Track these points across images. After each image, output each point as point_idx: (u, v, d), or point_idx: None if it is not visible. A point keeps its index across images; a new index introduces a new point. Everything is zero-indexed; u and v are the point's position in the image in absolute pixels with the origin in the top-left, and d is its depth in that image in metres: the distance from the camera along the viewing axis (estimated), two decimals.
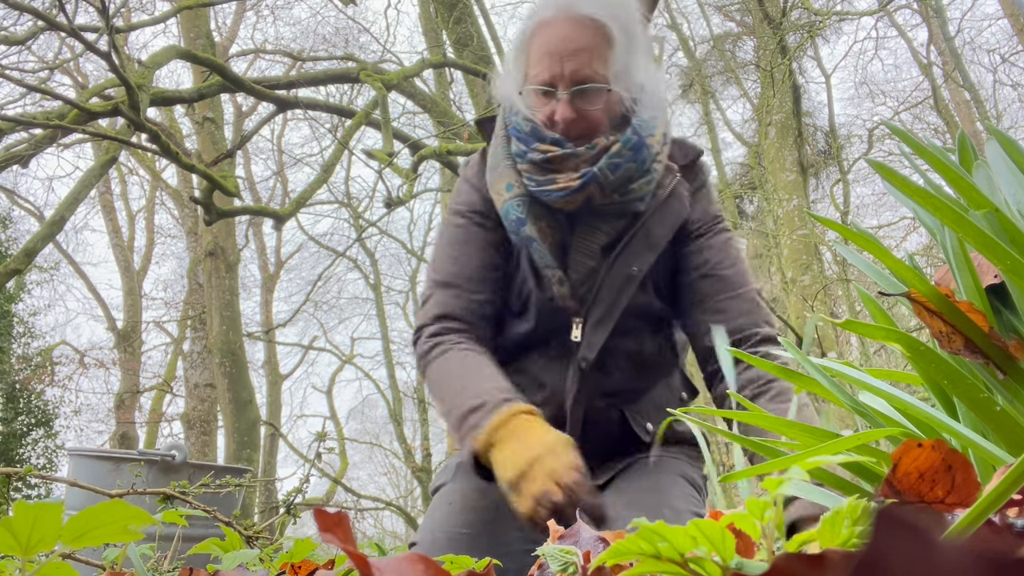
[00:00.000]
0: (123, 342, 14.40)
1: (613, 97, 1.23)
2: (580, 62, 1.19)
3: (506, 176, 1.28)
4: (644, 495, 1.25)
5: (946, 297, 0.82)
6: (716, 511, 0.61)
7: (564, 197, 1.22)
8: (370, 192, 14.30)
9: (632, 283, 1.26)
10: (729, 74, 12.75)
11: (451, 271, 1.30)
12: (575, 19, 1.21)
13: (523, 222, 1.25)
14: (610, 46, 1.21)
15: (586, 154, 1.22)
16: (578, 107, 1.21)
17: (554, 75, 1.21)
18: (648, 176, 1.25)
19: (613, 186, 1.22)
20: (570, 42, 1.19)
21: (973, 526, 0.44)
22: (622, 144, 1.22)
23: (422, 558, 0.41)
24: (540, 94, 1.24)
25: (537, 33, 1.24)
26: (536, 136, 1.24)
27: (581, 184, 1.21)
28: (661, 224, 1.27)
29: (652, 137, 1.25)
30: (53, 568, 0.54)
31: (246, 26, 14.29)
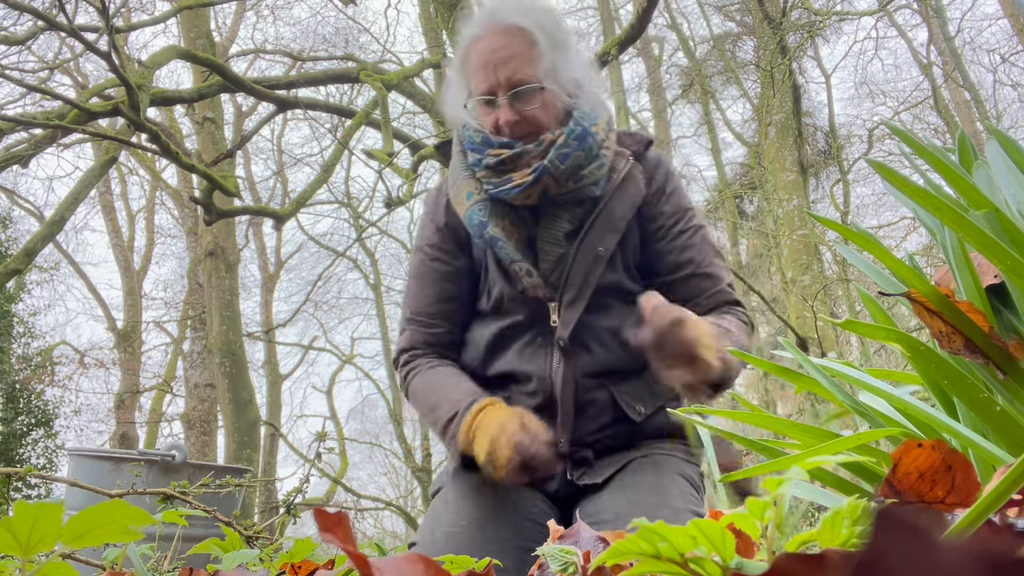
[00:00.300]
0: (123, 342, 14.40)
1: (548, 95, 1.34)
2: (512, 68, 1.31)
3: (466, 186, 1.40)
4: (644, 494, 1.26)
5: (946, 297, 0.82)
6: (716, 511, 0.61)
7: (521, 192, 1.32)
8: (370, 192, 14.32)
9: (600, 263, 1.35)
10: (729, 74, 12.75)
11: (413, 306, 1.47)
12: (501, 30, 1.33)
13: (485, 224, 1.36)
14: (536, 48, 1.32)
15: (535, 150, 1.33)
16: (518, 109, 1.33)
17: (491, 84, 1.32)
18: (598, 161, 1.35)
19: (565, 175, 1.32)
20: (500, 51, 1.32)
21: (973, 526, 0.44)
22: (567, 135, 1.33)
23: (422, 558, 0.41)
24: (483, 104, 1.36)
25: (470, 49, 1.36)
26: (487, 143, 1.36)
27: (534, 178, 1.31)
28: (620, 205, 1.37)
29: (596, 126, 1.36)
30: (53, 568, 0.54)
31: (246, 26, 14.31)
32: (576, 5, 14.07)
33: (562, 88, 1.35)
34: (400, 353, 1.46)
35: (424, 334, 1.44)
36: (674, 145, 13.93)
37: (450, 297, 1.44)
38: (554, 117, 1.35)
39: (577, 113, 1.35)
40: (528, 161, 1.33)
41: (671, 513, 1.22)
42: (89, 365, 14.53)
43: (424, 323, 1.44)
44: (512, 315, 1.39)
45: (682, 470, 1.35)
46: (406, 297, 1.50)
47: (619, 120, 10.22)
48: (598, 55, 5.32)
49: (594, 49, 12.24)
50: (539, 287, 1.35)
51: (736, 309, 1.39)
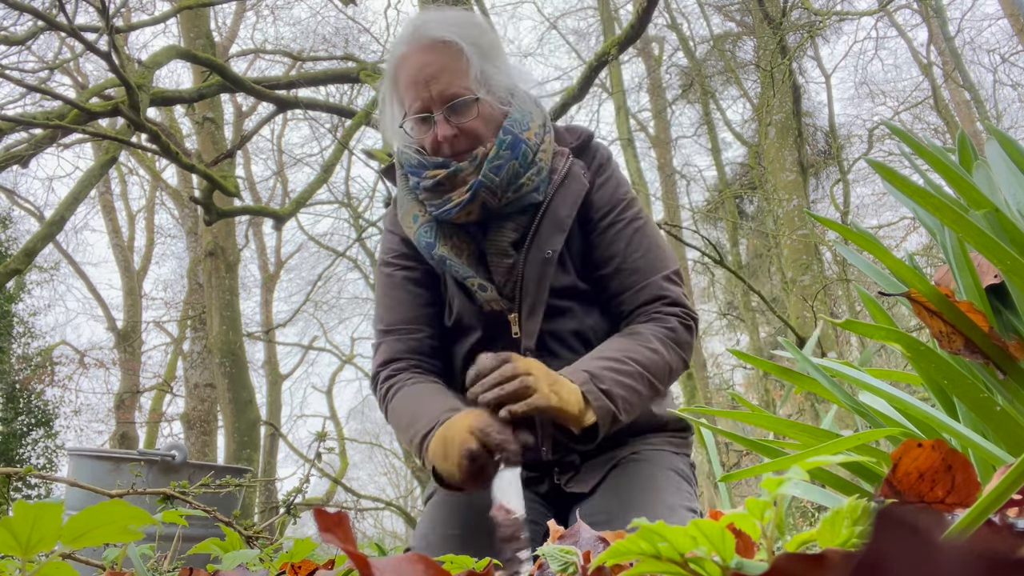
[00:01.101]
0: (123, 342, 14.40)
1: (483, 106, 1.33)
2: (444, 82, 1.30)
3: (411, 209, 1.40)
4: (637, 493, 1.26)
5: (946, 297, 0.82)
6: (716, 511, 0.61)
7: (461, 210, 1.31)
8: (370, 192, 14.31)
9: (549, 266, 1.33)
10: (729, 74, 12.75)
11: (389, 319, 1.42)
12: (426, 45, 1.32)
13: (433, 245, 1.35)
14: (464, 60, 1.31)
15: (469, 167, 1.31)
16: (455, 123, 1.32)
17: (424, 101, 1.31)
18: (535, 167, 1.34)
19: (502, 187, 1.31)
20: (429, 67, 1.30)
21: (973, 526, 0.44)
22: (497, 146, 1.31)
23: (422, 558, 0.41)
24: (419, 122, 1.34)
25: (399, 69, 1.34)
26: (423, 165, 1.35)
27: (471, 195, 1.30)
28: (563, 205, 1.35)
29: (527, 131, 1.34)
30: (53, 568, 0.54)
31: (246, 26, 14.30)
32: (576, 5, 14.08)
33: (496, 97, 1.34)
34: (379, 369, 1.40)
35: (406, 342, 1.40)
36: (674, 145, 13.94)
37: (427, 303, 1.42)
38: (492, 127, 1.34)
39: (507, 122, 1.33)
40: (464, 178, 1.31)
41: (665, 510, 1.22)
42: (89, 365, 14.54)
43: (404, 331, 1.41)
44: (475, 331, 1.37)
45: (673, 464, 1.35)
46: (378, 313, 1.46)
47: (619, 120, 10.22)
48: (598, 55, 5.32)
49: (594, 49, 12.24)
50: (495, 300, 1.34)
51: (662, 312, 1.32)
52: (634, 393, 1.20)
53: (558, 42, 13.83)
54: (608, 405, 1.15)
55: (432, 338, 1.41)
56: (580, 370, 1.19)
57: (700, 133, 13.84)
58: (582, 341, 1.36)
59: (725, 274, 12.06)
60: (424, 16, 1.37)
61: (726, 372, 13.56)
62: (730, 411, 1.22)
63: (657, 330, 1.29)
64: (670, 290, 1.34)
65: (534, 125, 1.36)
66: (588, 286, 1.38)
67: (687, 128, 14.55)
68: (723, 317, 13.28)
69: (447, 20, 1.34)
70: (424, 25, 1.33)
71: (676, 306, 1.34)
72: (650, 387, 1.24)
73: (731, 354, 2.86)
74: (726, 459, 8.39)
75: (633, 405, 1.20)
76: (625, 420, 1.19)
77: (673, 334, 1.29)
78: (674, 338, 1.29)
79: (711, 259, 7.14)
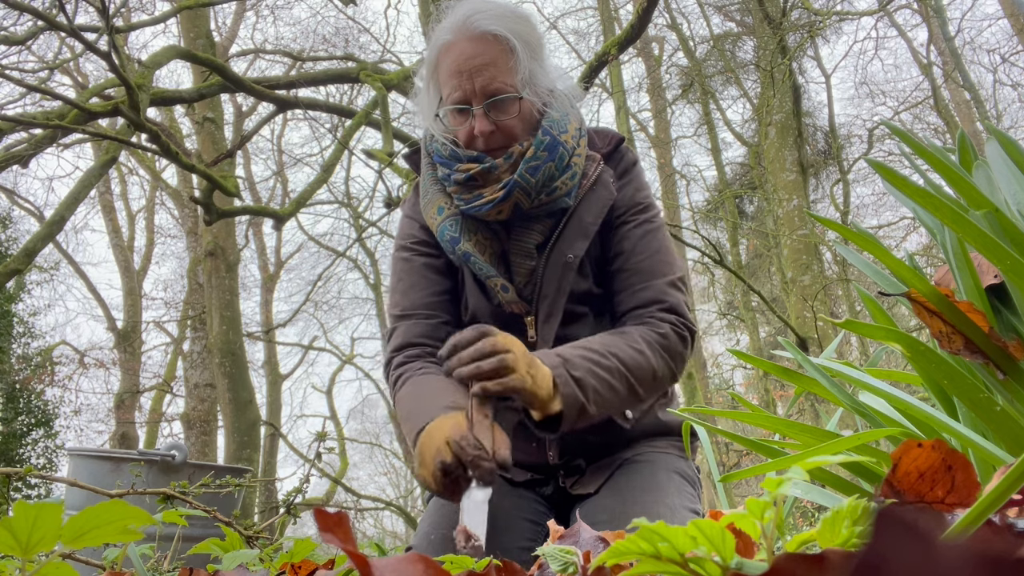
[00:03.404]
0: (123, 342, 14.40)
1: (525, 105, 1.30)
2: (488, 76, 1.26)
3: (436, 200, 1.36)
4: (639, 493, 1.26)
5: (946, 297, 0.82)
6: (716, 511, 0.61)
7: (493, 208, 1.29)
8: (370, 192, 14.31)
9: (569, 271, 1.31)
10: (729, 74, 12.74)
11: (405, 303, 1.38)
12: (474, 37, 1.27)
13: (457, 240, 1.32)
14: (512, 57, 1.28)
15: (504, 164, 1.29)
16: (494, 119, 1.29)
17: (466, 92, 1.28)
18: (570, 171, 1.31)
19: (537, 188, 1.28)
20: (474, 59, 1.26)
21: (973, 526, 0.44)
22: (535, 147, 1.28)
23: (422, 558, 0.41)
24: (457, 113, 1.31)
25: (442, 57, 1.30)
26: (456, 158, 1.32)
27: (505, 194, 1.27)
28: (589, 211, 1.33)
29: (565, 134, 1.32)
30: (53, 568, 0.54)
31: (246, 26, 14.30)
32: (576, 5, 14.07)
33: (538, 97, 1.32)
34: (394, 354, 1.36)
35: (423, 326, 1.35)
36: (674, 145, 13.94)
37: (445, 290, 1.39)
38: (528, 127, 1.32)
39: (546, 122, 1.31)
40: (498, 176, 1.28)
41: (667, 511, 1.22)
42: (89, 365, 14.53)
43: (422, 315, 1.36)
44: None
45: (677, 467, 1.35)
46: (394, 298, 1.41)
47: (619, 120, 10.22)
48: (598, 55, 5.32)
49: (594, 49, 12.23)
50: (515, 302, 1.32)
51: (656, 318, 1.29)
52: (608, 388, 1.15)
53: (558, 42, 13.86)
54: (576, 393, 1.11)
55: (449, 324, 1.37)
56: (554, 354, 1.15)
57: (700, 133, 13.84)
58: None
59: (725, 274, 12.06)
60: (474, 5, 1.31)
61: (726, 372, 13.56)
62: (730, 411, 1.22)
63: (647, 333, 1.25)
64: (670, 295, 1.31)
65: (571, 128, 1.33)
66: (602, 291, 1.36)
67: (687, 128, 14.56)
68: (723, 317, 13.28)
69: (499, 13, 1.30)
70: (475, 15, 1.28)
71: (673, 313, 1.30)
72: (628, 387, 1.18)
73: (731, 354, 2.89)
74: (726, 459, 8.39)
75: (605, 400, 1.15)
76: (594, 413, 1.14)
77: (664, 340, 1.25)
78: (664, 344, 1.25)
79: (711, 259, 7.14)
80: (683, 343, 1.28)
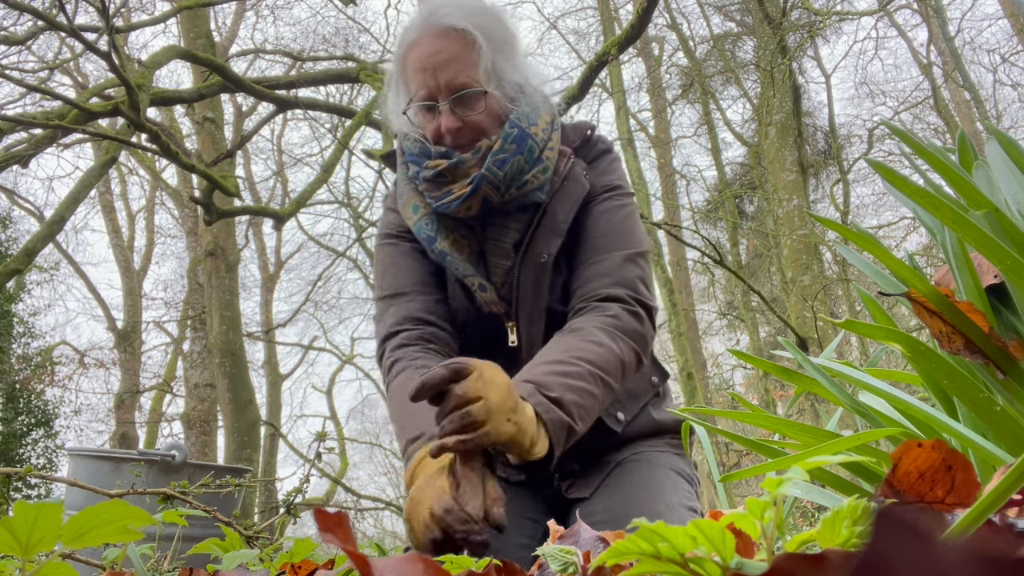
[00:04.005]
0: (123, 342, 14.40)
1: (492, 99, 1.28)
2: (452, 72, 1.24)
3: (411, 199, 1.34)
4: (637, 492, 1.25)
5: (946, 297, 0.82)
6: (716, 511, 0.61)
7: (461, 204, 1.26)
8: (370, 192, 14.30)
9: (545, 270, 1.28)
10: (729, 74, 12.74)
11: (395, 284, 1.34)
12: (438, 32, 1.26)
13: (434, 239, 1.30)
14: (476, 51, 1.26)
15: (472, 159, 1.27)
16: (461, 115, 1.27)
17: (431, 89, 1.26)
18: (541, 164, 1.28)
19: (506, 182, 1.26)
20: (439, 54, 1.25)
21: (973, 526, 0.44)
22: (502, 139, 1.26)
23: (422, 558, 0.41)
24: (424, 110, 1.29)
25: (408, 54, 1.29)
26: (425, 154, 1.30)
27: (472, 188, 1.25)
28: (562, 207, 1.30)
29: (535, 127, 1.29)
30: (53, 568, 0.54)
31: (246, 26, 14.30)
32: (576, 5, 14.07)
33: (505, 92, 1.30)
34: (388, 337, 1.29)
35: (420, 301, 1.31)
36: (674, 145, 13.94)
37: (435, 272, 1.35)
38: (497, 122, 1.30)
39: (514, 115, 1.28)
40: (466, 171, 1.26)
41: (666, 509, 1.21)
42: (89, 365, 14.53)
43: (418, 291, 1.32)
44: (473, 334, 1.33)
45: (674, 465, 1.34)
46: (383, 282, 1.36)
47: (619, 120, 10.21)
48: (598, 55, 5.32)
49: (594, 49, 12.23)
50: (494, 303, 1.29)
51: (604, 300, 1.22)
52: (588, 396, 1.08)
53: (558, 42, 13.86)
54: (561, 416, 1.03)
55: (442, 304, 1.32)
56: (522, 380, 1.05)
57: (700, 133, 13.84)
58: None
59: (725, 274, 12.05)
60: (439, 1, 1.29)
61: (726, 372, 13.56)
62: (730, 411, 1.22)
63: (599, 321, 1.18)
64: (623, 269, 1.24)
65: (542, 121, 1.31)
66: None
67: (687, 128, 14.55)
68: (723, 317, 13.28)
69: (463, 7, 1.28)
70: (439, 10, 1.27)
71: (623, 287, 1.22)
72: (604, 386, 1.12)
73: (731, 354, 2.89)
74: (726, 459, 8.39)
75: (588, 410, 1.08)
76: (581, 430, 1.07)
77: (617, 322, 1.18)
78: (619, 327, 1.18)
79: (711, 259, 7.14)
80: (637, 320, 1.21)
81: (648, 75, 13.51)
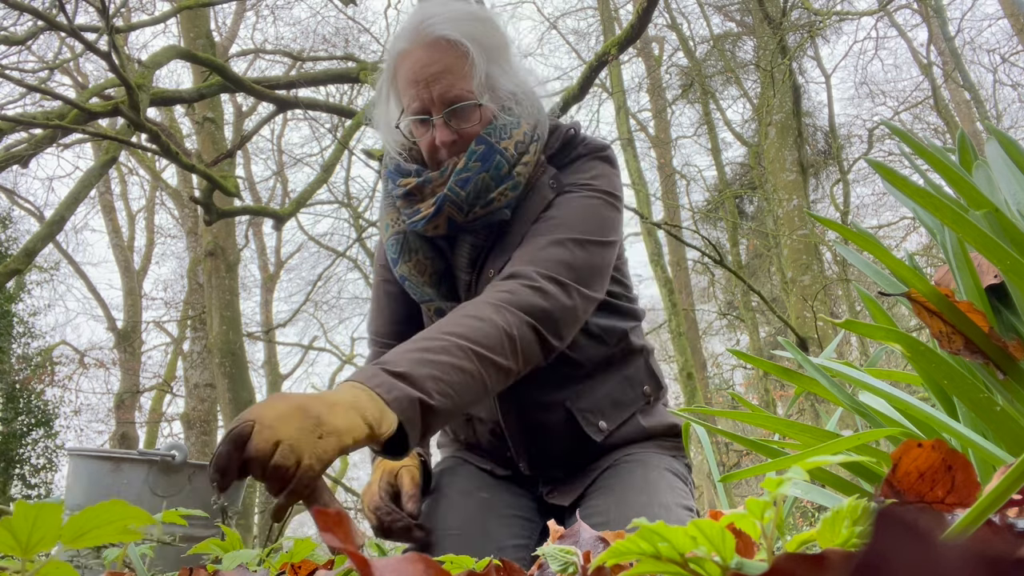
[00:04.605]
0: (123, 342, 14.39)
1: (486, 111, 1.25)
2: (445, 84, 1.22)
3: (387, 216, 1.33)
4: (632, 493, 1.25)
5: (946, 297, 0.82)
6: (716, 511, 0.61)
7: (428, 223, 1.24)
8: (370, 192, 14.31)
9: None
10: (729, 74, 12.74)
11: (372, 328, 1.46)
12: (429, 44, 1.22)
13: (396, 261, 1.30)
14: (469, 63, 1.22)
15: (439, 178, 1.24)
16: (455, 127, 1.24)
17: (424, 102, 1.23)
18: (511, 181, 1.23)
19: (468, 201, 1.22)
20: (430, 67, 1.21)
21: (973, 526, 0.44)
22: (467, 158, 1.22)
23: (422, 558, 0.41)
24: (418, 124, 1.26)
25: (399, 66, 1.26)
26: (399, 171, 1.30)
27: (435, 209, 1.22)
28: (520, 222, 1.25)
29: (507, 140, 1.24)
30: (53, 568, 0.54)
31: (246, 26, 14.30)
32: (576, 5, 14.07)
33: (497, 102, 1.27)
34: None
35: (378, 353, 1.40)
36: (674, 145, 13.94)
37: (399, 319, 1.41)
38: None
39: (485, 129, 1.24)
40: (432, 190, 1.24)
41: (662, 510, 1.21)
42: (89, 365, 14.53)
43: (379, 342, 1.42)
44: None
45: (669, 465, 1.33)
46: (368, 318, 1.49)
47: (619, 120, 10.21)
48: (598, 55, 5.32)
49: (594, 49, 12.23)
50: None
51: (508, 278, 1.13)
52: (454, 370, 0.95)
53: (558, 42, 13.86)
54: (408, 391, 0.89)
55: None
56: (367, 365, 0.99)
57: (700, 133, 13.84)
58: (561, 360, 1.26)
59: (725, 274, 12.05)
60: (429, 10, 1.25)
61: (726, 372, 13.56)
62: (730, 411, 1.22)
63: (486, 297, 1.08)
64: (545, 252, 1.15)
65: (517, 133, 1.25)
66: None
67: (687, 128, 14.56)
68: (723, 317, 13.28)
69: (454, 17, 1.24)
70: (429, 20, 1.23)
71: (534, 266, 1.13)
72: (481, 360, 0.98)
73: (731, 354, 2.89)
74: (726, 459, 8.39)
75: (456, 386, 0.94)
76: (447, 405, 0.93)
77: (509, 296, 1.08)
78: (510, 300, 1.07)
79: (711, 259, 7.14)
80: (538, 294, 1.10)
81: (648, 75, 13.51)
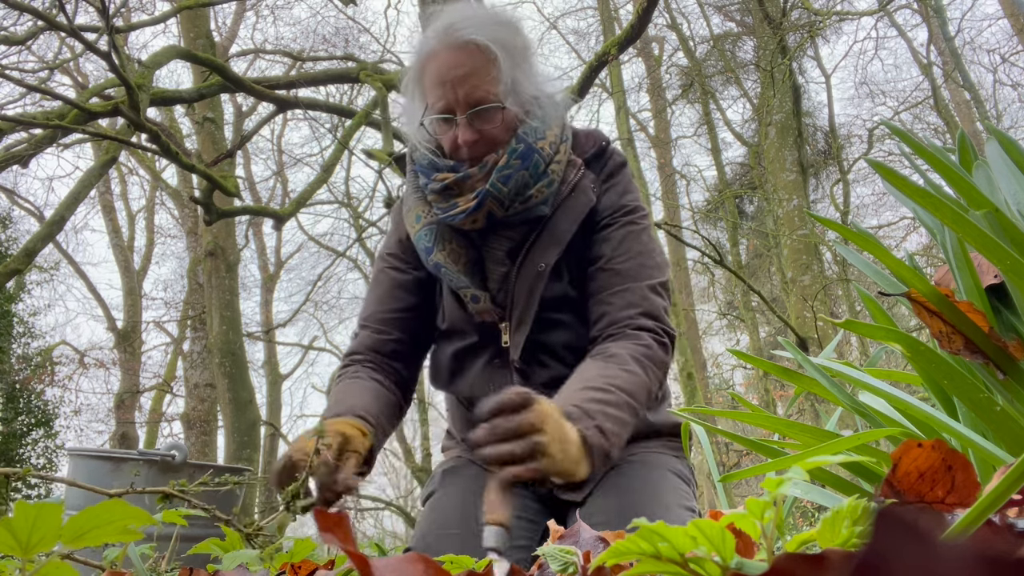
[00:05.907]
0: (123, 342, 14.40)
1: (508, 114, 1.30)
2: (471, 86, 1.27)
3: (416, 208, 1.38)
4: (634, 495, 1.26)
5: (946, 297, 0.82)
6: (716, 511, 0.61)
7: (466, 217, 1.29)
8: (370, 192, 14.32)
9: (541, 280, 1.31)
10: (729, 74, 12.75)
11: (365, 313, 1.44)
12: (457, 46, 1.27)
13: (431, 250, 1.34)
14: (495, 65, 1.27)
15: (479, 174, 1.29)
16: (478, 128, 1.29)
17: (449, 102, 1.28)
18: (546, 179, 1.31)
19: (510, 197, 1.28)
20: (458, 68, 1.27)
21: (973, 526, 0.44)
22: (508, 155, 1.28)
23: (422, 558, 0.41)
24: (442, 122, 1.31)
25: (426, 66, 1.30)
26: (434, 167, 1.34)
27: (477, 204, 1.28)
28: (566, 219, 1.32)
29: (542, 141, 1.31)
30: (53, 568, 0.54)
31: (246, 26, 14.31)
32: (576, 5, 14.08)
33: (521, 106, 1.31)
34: (345, 357, 1.43)
35: (372, 339, 1.40)
36: (674, 145, 13.94)
37: (404, 307, 1.41)
38: (512, 134, 1.31)
39: (522, 129, 1.30)
40: (472, 185, 1.29)
41: (663, 510, 1.21)
42: (89, 365, 14.54)
43: (375, 329, 1.41)
44: (467, 337, 1.36)
45: (671, 466, 1.34)
46: (364, 301, 1.47)
47: (619, 120, 10.22)
48: (598, 55, 5.32)
49: (594, 49, 12.23)
50: (487, 311, 1.32)
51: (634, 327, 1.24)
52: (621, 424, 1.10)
53: (558, 42, 13.89)
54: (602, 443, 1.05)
55: (399, 343, 1.40)
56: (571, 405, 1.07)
57: (700, 133, 13.84)
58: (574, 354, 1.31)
59: (725, 274, 12.06)
60: (458, 13, 1.31)
61: (726, 372, 13.57)
62: (730, 411, 1.22)
63: (632, 349, 1.20)
64: (650, 300, 1.27)
65: (550, 134, 1.33)
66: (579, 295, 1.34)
67: (687, 128, 14.57)
68: (723, 317, 13.28)
69: (482, 21, 1.30)
70: (458, 23, 1.29)
71: (652, 319, 1.26)
72: (633, 414, 1.14)
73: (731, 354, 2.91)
74: (726, 459, 8.39)
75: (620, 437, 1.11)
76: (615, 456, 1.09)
77: (649, 351, 1.21)
78: (650, 356, 1.21)
79: (711, 259, 7.14)
80: (664, 350, 1.25)
81: (648, 75, 13.51)
